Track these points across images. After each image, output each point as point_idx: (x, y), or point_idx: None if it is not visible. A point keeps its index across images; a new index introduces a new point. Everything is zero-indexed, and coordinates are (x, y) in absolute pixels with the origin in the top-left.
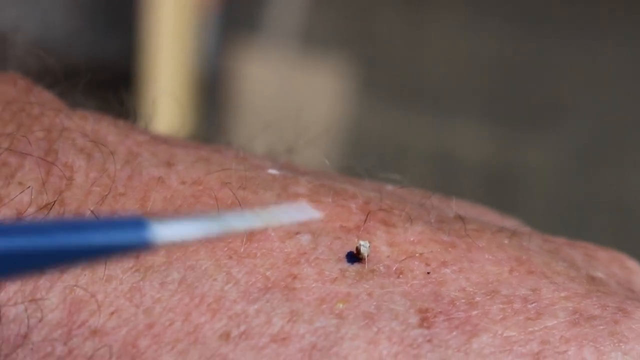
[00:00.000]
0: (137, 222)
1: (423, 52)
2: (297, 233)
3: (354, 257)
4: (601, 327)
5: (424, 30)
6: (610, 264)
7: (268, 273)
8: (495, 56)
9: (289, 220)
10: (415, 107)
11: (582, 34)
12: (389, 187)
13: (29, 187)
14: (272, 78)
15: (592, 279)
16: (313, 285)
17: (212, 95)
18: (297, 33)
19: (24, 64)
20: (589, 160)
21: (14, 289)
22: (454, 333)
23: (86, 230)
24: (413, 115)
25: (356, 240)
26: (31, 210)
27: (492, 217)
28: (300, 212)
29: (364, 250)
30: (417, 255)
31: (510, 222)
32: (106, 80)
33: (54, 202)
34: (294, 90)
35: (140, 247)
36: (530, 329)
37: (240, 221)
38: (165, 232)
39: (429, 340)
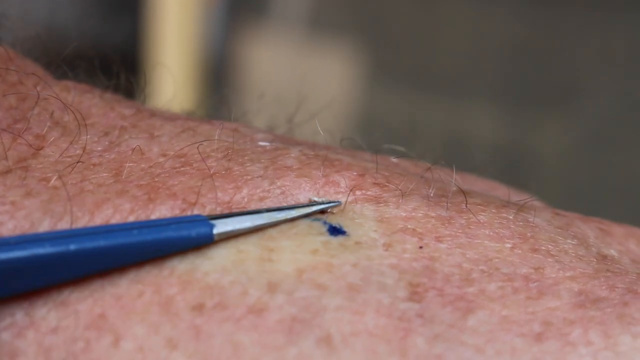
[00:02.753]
0: (200, 220)
1: (434, 35)
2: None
3: (337, 230)
4: (609, 310)
5: (435, 12)
6: (626, 239)
7: (242, 247)
8: (507, 38)
9: (318, 208)
10: (426, 90)
11: (595, 16)
12: (393, 160)
13: None
14: (281, 62)
15: (603, 258)
16: (291, 256)
17: (219, 80)
18: (306, 16)
19: (12, 35)
20: (602, 142)
21: None
22: (448, 309)
23: (157, 229)
24: (424, 99)
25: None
26: None
27: (502, 191)
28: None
29: (316, 199)
30: (409, 228)
31: (522, 197)
32: (112, 65)
33: (17, 169)
34: (302, 74)
35: (202, 241)
36: (531, 309)
37: (280, 214)
38: (222, 227)
39: (420, 315)
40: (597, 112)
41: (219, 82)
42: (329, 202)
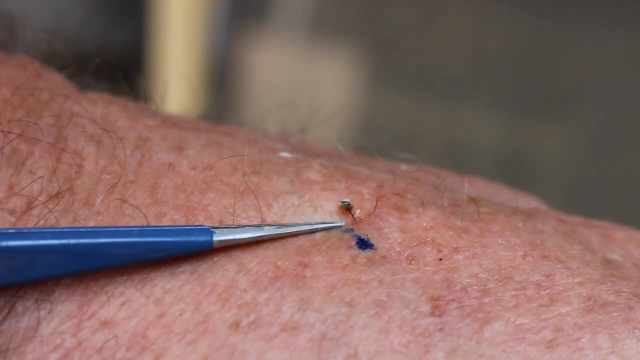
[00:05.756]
0: (202, 230)
1: (434, 39)
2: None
3: (365, 242)
4: (615, 314)
5: (437, 17)
6: (627, 243)
7: (279, 262)
8: (507, 43)
9: (319, 228)
10: (426, 95)
11: (594, 21)
12: (403, 167)
13: (40, 176)
14: (283, 65)
15: (607, 262)
16: (323, 272)
17: (222, 83)
18: (308, 20)
19: (34, 47)
20: (601, 147)
21: None
22: (466, 321)
23: (159, 232)
24: (424, 103)
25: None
26: (41, 199)
27: (507, 195)
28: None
29: (346, 205)
30: (429, 240)
31: (526, 200)
32: (117, 67)
33: (65, 191)
34: (304, 78)
35: (203, 248)
36: (544, 316)
37: (279, 229)
38: (221, 236)
39: (440, 329)
40: (597, 117)
41: (222, 85)
42: (332, 223)
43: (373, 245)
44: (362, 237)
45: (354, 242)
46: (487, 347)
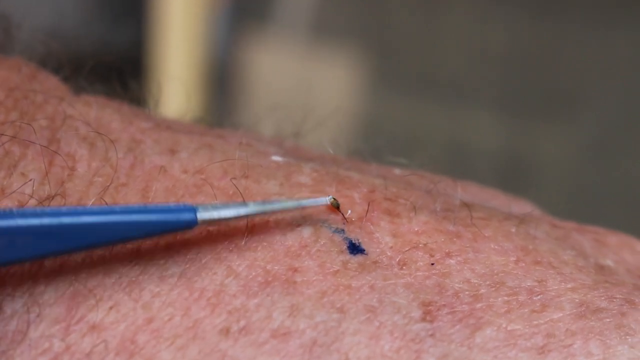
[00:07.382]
0: (186, 207)
1: (437, 42)
2: (299, 226)
3: (356, 247)
4: (608, 320)
5: (438, 19)
6: (621, 249)
7: (269, 266)
8: (509, 46)
9: (305, 204)
10: (427, 97)
11: (595, 23)
12: (397, 171)
13: (31, 179)
14: (284, 68)
15: (600, 268)
16: (314, 278)
17: (222, 85)
18: (310, 22)
19: (29, 48)
20: (602, 150)
21: (13, 283)
22: (457, 327)
23: (148, 211)
24: (426, 105)
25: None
26: (32, 202)
27: (501, 200)
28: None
29: (335, 204)
30: (421, 245)
31: (520, 205)
32: (117, 69)
33: (57, 193)
34: (305, 80)
35: (186, 226)
36: (535, 322)
37: (264, 206)
38: (205, 214)
39: (432, 335)
40: (599, 120)
41: (223, 87)
42: (317, 200)
43: (364, 250)
44: (353, 242)
45: (345, 247)
46: (478, 353)
